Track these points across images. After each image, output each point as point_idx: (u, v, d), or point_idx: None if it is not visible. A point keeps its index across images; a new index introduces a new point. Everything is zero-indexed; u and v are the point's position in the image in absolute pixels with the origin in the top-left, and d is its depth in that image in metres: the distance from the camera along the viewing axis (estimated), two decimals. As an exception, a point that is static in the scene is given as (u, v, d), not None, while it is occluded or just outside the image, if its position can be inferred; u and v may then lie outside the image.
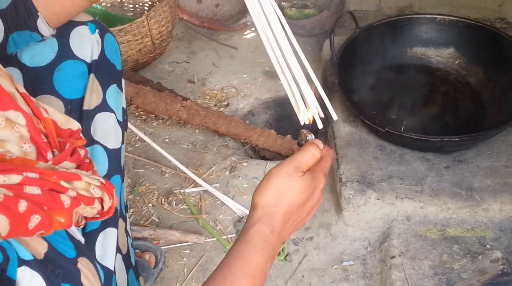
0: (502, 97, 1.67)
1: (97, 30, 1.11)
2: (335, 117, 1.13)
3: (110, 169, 1.06)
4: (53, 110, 0.84)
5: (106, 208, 0.81)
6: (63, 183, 0.72)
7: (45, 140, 0.79)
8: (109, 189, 0.81)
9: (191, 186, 1.68)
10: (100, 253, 0.98)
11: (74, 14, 1.07)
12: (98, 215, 0.82)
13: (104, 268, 0.96)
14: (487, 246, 1.39)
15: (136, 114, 1.94)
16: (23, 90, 0.77)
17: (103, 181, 0.80)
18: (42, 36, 1.02)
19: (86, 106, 1.06)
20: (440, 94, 1.77)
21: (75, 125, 0.88)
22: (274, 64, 1.16)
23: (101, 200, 0.80)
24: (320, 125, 1.14)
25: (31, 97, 0.79)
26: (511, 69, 1.66)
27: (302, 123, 1.20)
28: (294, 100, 1.18)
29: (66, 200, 0.72)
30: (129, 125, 1.65)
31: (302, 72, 1.17)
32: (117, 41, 1.17)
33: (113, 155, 1.07)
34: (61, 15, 1.04)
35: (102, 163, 1.04)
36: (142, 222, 1.58)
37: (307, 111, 1.22)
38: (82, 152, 0.85)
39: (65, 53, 1.06)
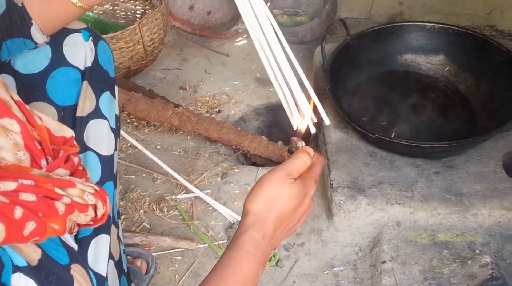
0: (491, 104, 1.69)
1: (90, 38, 1.11)
2: (327, 122, 1.14)
3: (103, 176, 1.06)
4: (47, 118, 0.85)
5: (99, 215, 0.82)
6: (57, 190, 0.72)
7: (39, 147, 0.79)
8: (102, 196, 0.81)
9: (182, 193, 1.68)
10: (92, 260, 0.98)
11: (67, 22, 1.07)
12: (91, 222, 0.83)
13: (97, 275, 0.97)
14: (477, 251, 1.40)
15: (128, 120, 1.94)
16: (17, 97, 0.78)
17: (97, 188, 0.81)
18: (36, 43, 1.03)
19: (79, 113, 1.06)
20: (430, 100, 1.78)
21: (68, 132, 0.88)
22: (267, 70, 1.17)
23: (95, 207, 0.81)
24: (313, 130, 1.15)
25: (25, 105, 0.79)
26: (500, 76, 1.68)
27: (295, 128, 1.21)
28: (287, 105, 1.19)
29: (60, 207, 0.72)
30: (121, 131, 1.66)
31: (295, 78, 1.18)
32: (110, 48, 1.18)
33: (106, 161, 1.07)
34: (55, 23, 1.05)
35: (95, 170, 1.05)
36: (133, 228, 1.58)
37: (300, 116, 1.23)
38: (75, 159, 0.85)
39: (58, 60, 1.07)
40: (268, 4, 2.39)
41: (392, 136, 1.59)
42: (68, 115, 1.06)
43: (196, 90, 2.10)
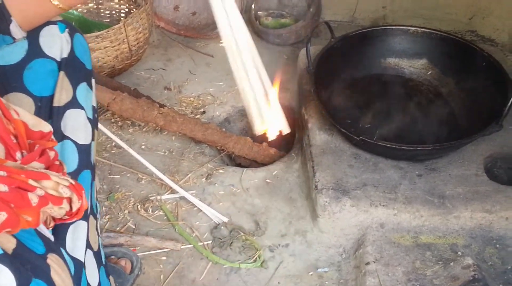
0: (472, 107, 1.72)
1: (66, 29, 1.13)
2: (286, 130, 1.17)
3: (80, 164, 1.07)
4: (25, 112, 0.85)
5: (74, 208, 0.82)
6: (31, 182, 0.72)
7: (15, 141, 0.79)
8: (78, 190, 0.81)
9: (167, 193, 1.68)
10: (70, 245, 0.98)
11: (46, 20, 1.09)
12: (66, 216, 0.82)
13: (75, 260, 0.97)
14: (459, 252, 1.42)
15: (112, 120, 1.93)
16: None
17: (73, 182, 0.81)
18: (14, 39, 1.03)
19: (56, 103, 1.08)
20: (413, 104, 1.80)
21: (46, 127, 0.89)
22: (238, 81, 1.20)
23: (70, 201, 0.80)
24: (271, 137, 1.18)
25: (1, 99, 0.79)
26: (482, 80, 1.70)
27: (256, 134, 1.24)
28: (251, 113, 1.23)
29: (34, 198, 0.72)
30: (106, 131, 1.65)
31: (263, 88, 1.21)
32: (86, 41, 1.19)
33: (83, 150, 1.08)
34: (35, 21, 1.07)
35: (72, 158, 1.06)
36: (118, 228, 1.57)
37: (262, 124, 1.27)
38: (52, 153, 0.85)
39: (35, 51, 1.08)
40: (253, 5, 2.40)
41: (375, 138, 1.61)
42: (45, 106, 1.08)
43: (181, 90, 2.10)
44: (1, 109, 0.78)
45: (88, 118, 1.12)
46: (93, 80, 1.18)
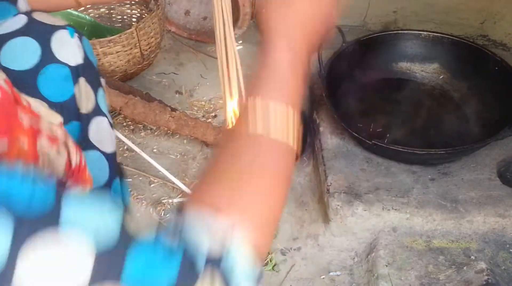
0: (485, 112, 1.71)
1: (75, 34, 1.13)
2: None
3: (112, 173, 1.09)
4: (36, 104, 0.85)
5: (73, 162, 0.80)
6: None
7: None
8: (75, 144, 0.80)
9: (179, 196, 1.69)
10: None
11: (58, 9, 1.12)
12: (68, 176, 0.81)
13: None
14: (472, 257, 1.42)
15: (124, 124, 1.94)
16: (4, 76, 0.77)
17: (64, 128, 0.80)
18: (18, 11, 1.04)
19: (84, 110, 1.08)
20: (425, 108, 1.80)
21: (56, 118, 0.88)
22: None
23: (68, 153, 0.78)
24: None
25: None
26: (494, 84, 1.70)
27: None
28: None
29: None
30: (118, 134, 1.66)
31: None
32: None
33: (112, 159, 1.11)
34: (51, 8, 1.10)
35: (102, 169, 1.07)
36: (130, 231, 1.58)
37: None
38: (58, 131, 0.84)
39: (48, 57, 1.09)
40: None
41: (385, 142, 1.61)
42: (60, 112, 1.08)
43: (192, 94, 2.11)
44: (12, 91, 0.78)
45: (110, 124, 1.13)
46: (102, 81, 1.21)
